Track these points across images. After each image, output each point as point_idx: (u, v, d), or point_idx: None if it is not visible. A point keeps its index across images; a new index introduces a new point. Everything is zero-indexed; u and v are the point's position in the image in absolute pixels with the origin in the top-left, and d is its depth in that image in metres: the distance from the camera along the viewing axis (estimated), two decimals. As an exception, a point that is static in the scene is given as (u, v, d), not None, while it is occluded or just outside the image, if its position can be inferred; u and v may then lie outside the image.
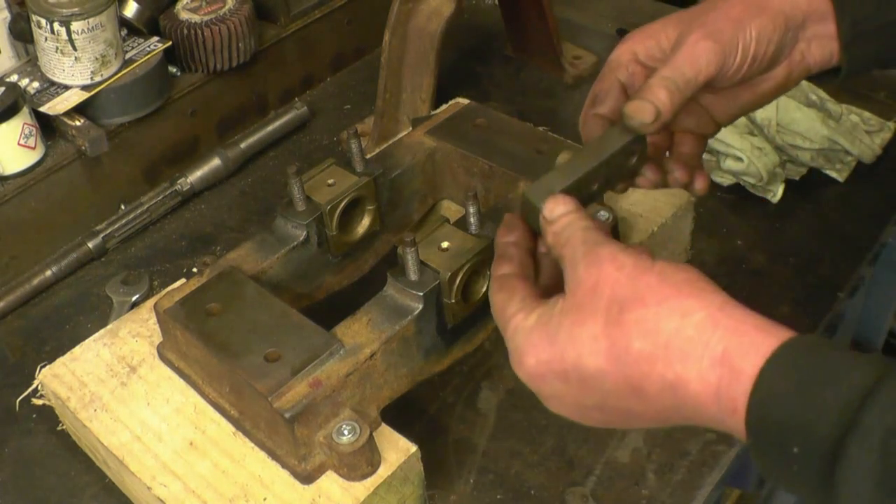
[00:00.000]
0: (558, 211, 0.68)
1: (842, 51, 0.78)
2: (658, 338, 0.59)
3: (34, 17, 1.11)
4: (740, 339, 0.58)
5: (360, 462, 0.78)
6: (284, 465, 0.80)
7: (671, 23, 0.77)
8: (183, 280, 0.93)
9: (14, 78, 1.17)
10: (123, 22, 1.22)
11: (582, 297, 0.63)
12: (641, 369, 0.60)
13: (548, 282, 0.72)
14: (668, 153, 0.84)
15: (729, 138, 1.13)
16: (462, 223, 0.87)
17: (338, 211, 0.93)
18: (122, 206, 1.22)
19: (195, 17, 1.23)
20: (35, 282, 1.13)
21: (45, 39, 1.12)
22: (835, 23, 0.77)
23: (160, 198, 1.22)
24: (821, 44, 0.78)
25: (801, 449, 0.54)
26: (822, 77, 0.82)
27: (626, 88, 0.79)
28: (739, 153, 1.12)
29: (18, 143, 1.11)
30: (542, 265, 0.73)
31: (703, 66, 0.73)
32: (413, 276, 0.83)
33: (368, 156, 1.00)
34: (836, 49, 0.78)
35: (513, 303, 0.67)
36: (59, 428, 0.95)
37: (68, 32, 1.10)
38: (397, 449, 0.80)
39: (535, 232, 0.72)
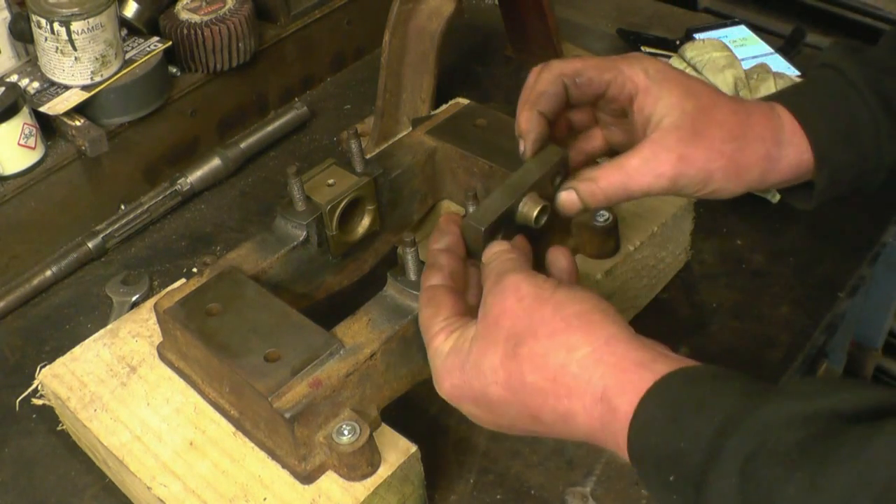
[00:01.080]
0: (493, 250, 0.73)
1: (815, 200, 0.83)
2: (546, 372, 0.63)
3: (34, 17, 1.11)
4: (619, 376, 0.61)
5: (361, 462, 0.78)
6: (284, 465, 0.80)
7: (676, 110, 0.77)
8: (183, 280, 0.93)
9: (14, 78, 1.17)
10: (123, 22, 1.22)
11: (486, 328, 0.67)
12: (536, 401, 0.64)
13: (477, 293, 0.75)
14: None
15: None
16: (462, 223, 0.87)
17: (338, 211, 0.93)
18: (122, 206, 1.22)
19: (195, 17, 1.23)
20: (35, 282, 1.13)
21: (45, 39, 1.12)
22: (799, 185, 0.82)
23: (160, 198, 1.22)
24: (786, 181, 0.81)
25: (676, 477, 0.57)
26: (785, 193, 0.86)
27: (604, 96, 0.81)
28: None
29: (18, 143, 1.11)
30: (471, 275, 0.76)
31: (649, 192, 0.76)
32: (413, 276, 0.83)
33: (368, 156, 1.00)
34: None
35: (437, 321, 0.71)
36: (59, 428, 0.95)
37: (68, 32, 1.10)
38: (397, 449, 0.80)
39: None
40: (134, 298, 1.10)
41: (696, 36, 1.38)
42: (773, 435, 0.53)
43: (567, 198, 0.78)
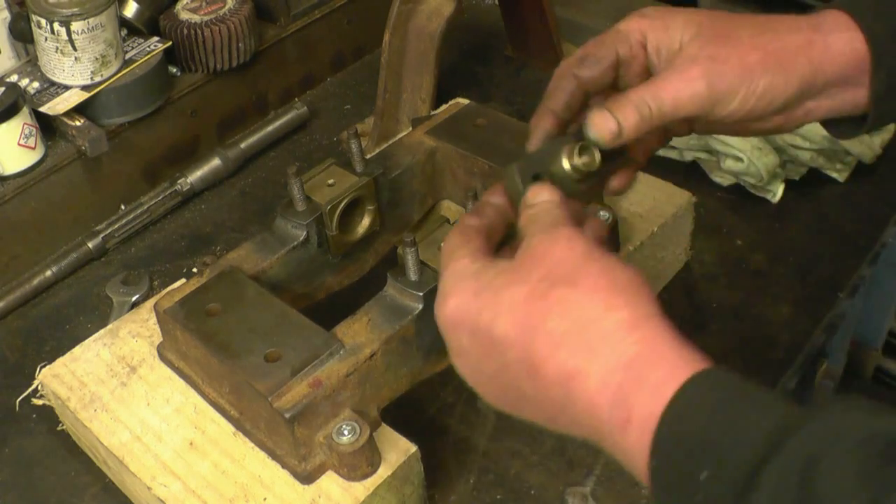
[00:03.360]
0: (541, 197, 0.66)
1: (872, 103, 0.72)
2: (574, 322, 0.56)
3: (34, 17, 1.11)
4: (657, 349, 0.54)
5: (361, 462, 0.78)
6: (284, 465, 0.80)
7: (692, 25, 0.71)
8: (183, 280, 0.93)
9: (14, 78, 1.17)
10: (123, 22, 1.22)
11: (522, 263, 0.61)
12: (545, 349, 0.57)
13: (511, 253, 0.68)
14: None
15: (729, 138, 1.13)
16: (462, 223, 0.87)
17: (338, 211, 0.93)
18: (122, 206, 1.22)
19: (195, 17, 1.23)
20: (35, 282, 1.13)
21: (45, 39, 1.12)
22: (862, 86, 0.71)
23: (160, 198, 1.22)
24: (835, 102, 0.72)
25: (712, 474, 0.50)
26: (832, 126, 0.77)
27: (619, 64, 0.74)
28: (739, 153, 1.12)
29: (18, 143, 1.11)
30: (507, 243, 0.70)
31: (687, 106, 0.69)
32: (413, 276, 0.83)
33: (368, 156, 1.00)
34: (856, 105, 0.72)
35: (465, 249, 0.65)
36: (59, 428, 0.95)
37: (68, 32, 1.10)
38: (397, 449, 0.80)
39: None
40: (134, 298, 1.10)
41: (696, 36, 1.38)
42: (839, 445, 0.48)
43: (599, 117, 0.68)
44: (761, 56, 0.68)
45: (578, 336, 0.56)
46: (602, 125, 0.68)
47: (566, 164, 0.69)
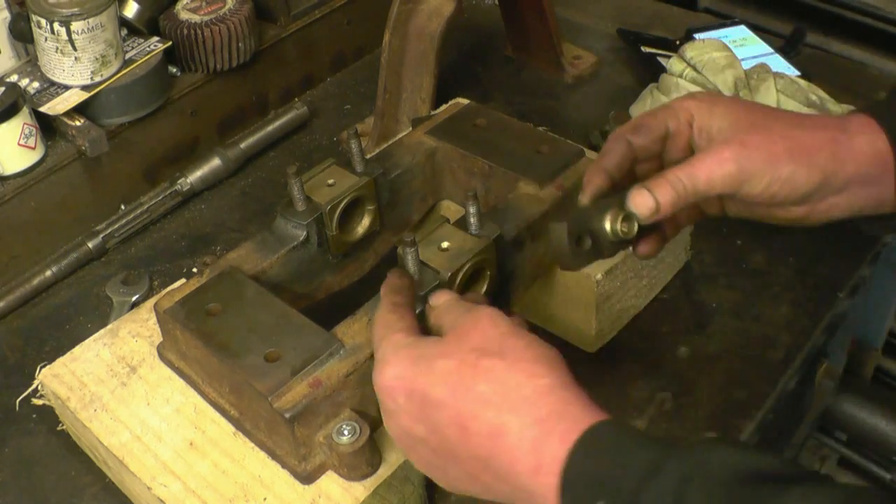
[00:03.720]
0: (444, 297, 0.77)
1: None
2: (499, 387, 0.65)
3: (34, 17, 1.11)
4: (566, 407, 0.63)
5: (360, 462, 0.78)
6: (284, 465, 0.80)
7: (731, 112, 0.78)
8: (183, 280, 0.93)
9: (14, 78, 1.17)
10: (123, 22, 1.22)
11: (452, 337, 0.69)
12: (475, 409, 0.65)
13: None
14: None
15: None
16: (462, 223, 0.87)
17: (338, 211, 0.93)
18: (122, 206, 1.22)
19: (195, 17, 1.23)
20: (35, 282, 1.13)
21: (45, 39, 1.12)
22: (885, 186, 0.77)
23: (160, 198, 1.22)
24: (857, 199, 0.78)
25: (606, 502, 0.58)
26: (865, 223, 0.83)
27: (667, 136, 0.81)
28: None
29: (18, 143, 1.11)
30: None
31: (718, 184, 0.75)
32: (413, 277, 0.83)
33: (368, 156, 1.00)
34: (880, 203, 0.78)
35: (400, 324, 0.73)
36: (59, 428, 0.95)
37: (68, 32, 1.10)
38: (397, 449, 0.80)
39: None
40: (134, 298, 1.10)
41: (696, 36, 1.38)
42: (708, 467, 0.57)
43: (639, 195, 0.76)
44: (788, 146, 0.75)
45: (503, 398, 0.64)
46: (641, 203, 0.76)
47: (608, 227, 0.77)
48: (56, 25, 1.10)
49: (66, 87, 1.15)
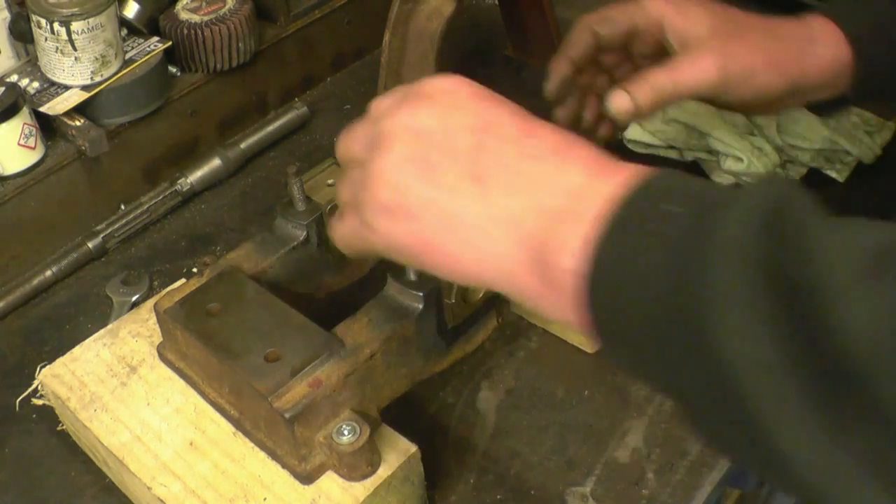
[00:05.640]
0: None
1: (853, 83, 0.85)
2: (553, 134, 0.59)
3: (34, 17, 1.11)
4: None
5: (360, 462, 0.78)
6: (284, 465, 0.80)
7: (708, 18, 0.82)
8: (183, 280, 0.93)
9: (14, 78, 1.17)
10: (123, 22, 1.22)
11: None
12: (542, 126, 0.59)
13: None
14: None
15: (729, 138, 1.13)
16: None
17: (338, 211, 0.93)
18: (122, 206, 1.22)
19: (195, 17, 1.23)
20: (35, 282, 1.13)
21: (45, 39, 1.12)
22: (840, 90, 0.86)
23: (160, 198, 1.22)
24: (812, 99, 0.88)
25: (679, 206, 0.50)
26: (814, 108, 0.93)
27: (634, 33, 0.84)
28: (739, 153, 1.12)
29: (18, 144, 1.11)
30: None
31: (700, 91, 0.80)
32: (413, 276, 0.83)
33: (368, 156, 1.00)
34: (831, 98, 0.87)
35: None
36: (59, 428, 0.95)
37: (68, 32, 1.10)
38: (397, 449, 0.80)
39: None
40: (134, 298, 1.10)
41: (696, 36, 1.38)
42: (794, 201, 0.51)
43: (618, 96, 0.79)
44: (764, 59, 0.81)
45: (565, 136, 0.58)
46: (620, 103, 0.79)
47: None
48: (56, 25, 1.10)
49: (66, 87, 1.15)
